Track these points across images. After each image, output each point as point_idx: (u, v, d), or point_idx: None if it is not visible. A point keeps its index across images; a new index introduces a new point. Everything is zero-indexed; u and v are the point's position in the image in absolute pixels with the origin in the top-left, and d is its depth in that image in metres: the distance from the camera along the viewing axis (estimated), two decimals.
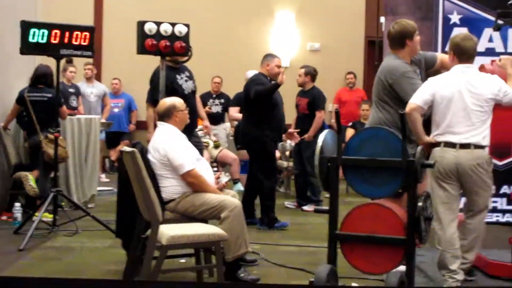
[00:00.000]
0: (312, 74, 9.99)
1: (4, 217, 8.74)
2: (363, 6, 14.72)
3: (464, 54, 5.85)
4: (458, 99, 5.72)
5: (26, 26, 7.66)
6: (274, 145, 8.89)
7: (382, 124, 6.22)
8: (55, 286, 2.49)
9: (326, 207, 6.00)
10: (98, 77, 13.60)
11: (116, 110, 13.58)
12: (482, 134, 5.73)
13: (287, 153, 11.33)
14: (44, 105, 8.67)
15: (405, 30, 6.26)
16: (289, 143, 11.32)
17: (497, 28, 6.65)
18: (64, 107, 9.00)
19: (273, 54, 9.33)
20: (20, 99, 8.83)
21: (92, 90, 12.25)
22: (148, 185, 5.42)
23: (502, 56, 6.15)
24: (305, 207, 9.89)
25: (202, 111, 8.78)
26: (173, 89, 7.47)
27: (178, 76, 7.72)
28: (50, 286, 2.48)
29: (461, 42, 5.87)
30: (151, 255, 5.28)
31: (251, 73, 10.71)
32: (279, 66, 8.97)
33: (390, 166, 5.30)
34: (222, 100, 12.38)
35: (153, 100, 7.60)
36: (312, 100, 9.86)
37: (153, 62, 7.86)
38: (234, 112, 10.76)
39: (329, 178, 5.52)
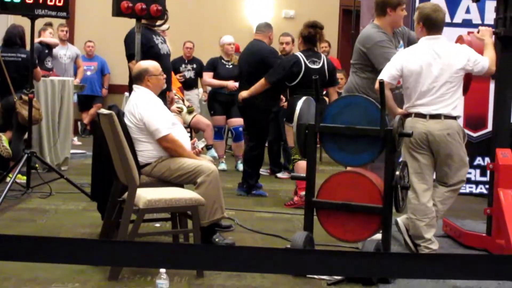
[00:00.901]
0: (294, 41, 9.90)
1: None
2: None
3: (434, 26, 5.83)
4: (426, 71, 5.73)
5: None
6: (268, 115, 8.82)
7: (354, 90, 6.28)
8: (34, 244, 2.46)
9: (301, 174, 6.05)
10: (71, 40, 13.46)
11: (88, 73, 13.49)
12: (452, 105, 5.73)
13: None
14: (18, 66, 8.57)
15: (384, 1, 6.31)
16: None
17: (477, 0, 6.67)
18: (38, 68, 8.91)
19: (270, 25, 9.33)
20: None
21: (65, 52, 12.14)
22: (126, 148, 5.39)
23: (480, 27, 6.17)
24: (279, 174, 9.92)
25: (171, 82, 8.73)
26: (150, 47, 7.42)
27: (154, 37, 7.68)
28: (29, 245, 2.45)
29: (432, 13, 5.84)
30: (128, 218, 5.26)
31: (227, 38, 10.66)
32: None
33: (368, 134, 5.33)
34: (195, 65, 12.31)
35: (128, 54, 7.55)
36: None
37: (127, 25, 7.80)
38: (208, 77, 10.73)
39: (307, 146, 5.55)
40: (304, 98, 5.80)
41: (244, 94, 8.37)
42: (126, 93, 10.53)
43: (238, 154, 10.39)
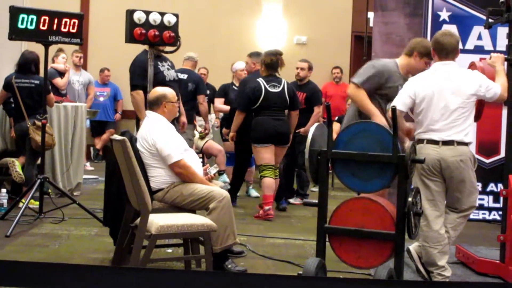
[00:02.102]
0: (311, 68, 10.02)
1: None
2: (350, 0, 14.73)
3: (442, 50, 5.86)
4: (438, 97, 5.74)
5: (15, 12, 7.60)
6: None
7: (357, 117, 6.30)
8: (46, 270, 2.47)
9: (314, 200, 6.04)
10: (84, 66, 13.54)
11: (101, 99, 13.55)
12: (464, 131, 5.74)
13: None
14: (31, 92, 8.62)
15: (418, 44, 6.33)
16: None
17: (488, 26, 6.68)
18: (52, 94, 8.96)
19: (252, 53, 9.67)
20: (7, 85, 8.77)
21: (78, 78, 12.20)
22: (138, 174, 5.41)
23: (492, 54, 6.18)
24: (291, 200, 9.91)
25: (181, 106, 8.73)
26: (154, 74, 7.48)
27: (159, 63, 7.74)
28: (41, 271, 2.46)
29: (439, 37, 5.90)
30: (140, 244, 5.27)
31: (238, 65, 10.68)
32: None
33: (380, 160, 5.32)
34: (208, 92, 12.36)
35: (132, 85, 7.64)
36: (310, 95, 9.81)
37: (140, 51, 7.87)
38: (219, 103, 10.75)
39: (319, 172, 5.54)
40: (316, 124, 5.80)
41: (231, 134, 9.00)
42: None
43: (249, 179, 10.39)
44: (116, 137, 5.55)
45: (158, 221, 5.26)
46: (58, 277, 2.43)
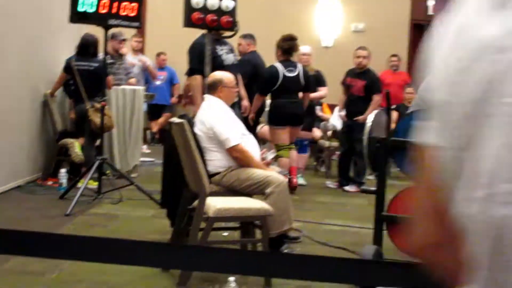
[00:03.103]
0: (370, 56, 10.00)
1: (49, 182, 8.87)
2: None
3: None
4: None
5: None
6: None
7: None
8: (106, 246, 2.50)
9: (372, 188, 6.03)
10: (141, 50, 13.64)
11: (158, 83, 13.64)
12: None
13: (329, 133, 11.34)
14: (90, 74, 8.73)
15: None
16: (331, 124, 11.32)
17: None
18: (110, 77, 9.06)
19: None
20: (67, 68, 8.91)
21: (137, 62, 12.29)
22: (196, 157, 5.44)
23: None
24: (347, 188, 9.88)
25: (242, 90, 8.77)
26: (213, 58, 7.49)
27: (218, 47, 7.75)
28: (101, 246, 2.49)
29: None
30: (197, 226, 5.31)
31: (302, 48, 10.59)
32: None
33: None
34: None
35: (189, 68, 7.66)
36: (370, 83, 9.79)
37: (197, 36, 7.89)
38: None
39: (377, 159, 5.53)
40: (376, 111, 5.79)
41: (251, 115, 9.02)
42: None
43: (300, 166, 10.38)
44: (175, 120, 5.60)
45: (215, 204, 5.29)
46: (117, 252, 2.47)
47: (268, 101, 9.34)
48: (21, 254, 2.40)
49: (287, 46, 8.91)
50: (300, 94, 9.08)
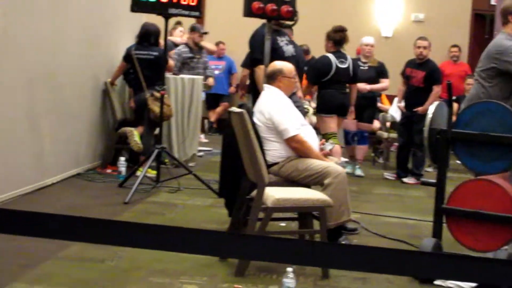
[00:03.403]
0: (430, 46, 9.89)
1: (108, 170, 8.97)
2: None
3: None
4: None
5: None
6: None
7: (479, 98, 6.09)
8: (165, 233, 2.51)
9: (431, 180, 5.96)
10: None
11: (216, 72, 13.66)
12: None
13: (388, 124, 11.25)
14: (150, 63, 8.79)
15: (506, 6, 6.15)
16: (390, 115, 11.24)
17: None
18: (171, 61, 9.14)
19: None
20: (127, 57, 8.98)
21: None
22: (256, 146, 5.43)
23: None
24: (405, 179, 9.80)
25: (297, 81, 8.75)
26: (274, 49, 7.46)
27: (278, 38, 7.68)
28: (160, 234, 2.50)
29: None
30: (256, 216, 5.31)
31: (365, 39, 10.49)
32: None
33: (502, 142, 5.20)
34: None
35: (253, 58, 7.61)
36: (429, 73, 9.69)
37: (256, 25, 7.87)
38: None
39: (438, 151, 5.47)
40: (437, 103, 5.71)
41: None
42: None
43: (359, 157, 10.33)
44: (235, 109, 5.59)
45: (274, 194, 5.29)
46: (176, 240, 2.47)
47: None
48: (81, 240, 2.42)
49: (339, 38, 8.89)
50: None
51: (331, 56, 8.81)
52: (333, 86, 8.82)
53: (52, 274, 4.95)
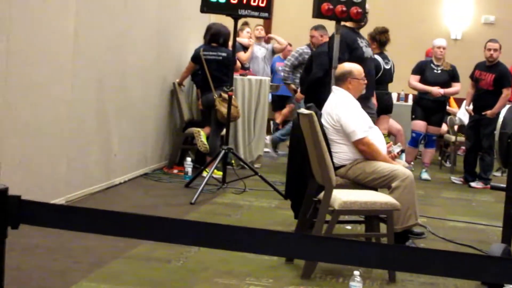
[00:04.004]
0: (500, 48, 9.75)
1: (175, 171, 9.05)
2: None
3: None
4: None
5: None
6: None
7: None
8: (234, 233, 2.51)
9: (502, 185, 5.85)
10: (267, 40, 13.68)
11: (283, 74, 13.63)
12: None
13: (455, 127, 11.11)
14: (218, 64, 8.82)
15: None
16: (458, 118, 11.09)
17: None
18: (238, 62, 9.21)
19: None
20: (196, 58, 9.01)
21: (262, 51, 12.34)
22: (324, 148, 5.40)
23: None
24: (473, 184, 9.66)
25: None
26: (354, 49, 7.38)
27: (358, 39, 7.61)
28: (229, 233, 2.50)
29: None
30: (323, 218, 5.28)
31: (437, 41, 10.31)
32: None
33: None
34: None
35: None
36: (499, 76, 9.54)
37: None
38: (414, 80, 10.34)
39: (509, 155, 5.36)
40: (508, 106, 5.61)
41: None
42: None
43: (426, 160, 10.21)
44: (304, 111, 5.57)
45: (341, 196, 5.25)
46: (245, 240, 2.47)
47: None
48: (149, 239, 2.44)
49: (384, 39, 9.12)
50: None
51: (378, 58, 8.95)
52: (378, 86, 8.80)
53: (120, 273, 5.00)
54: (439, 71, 10.07)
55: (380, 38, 9.11)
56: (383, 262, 2.50)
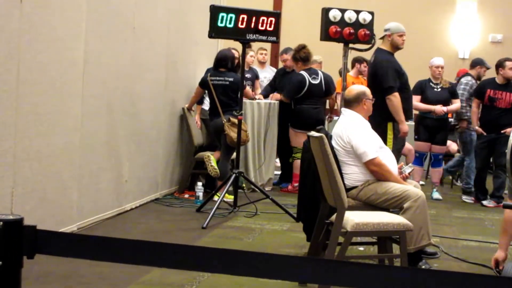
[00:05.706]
0: None
1: (186, 195, 9.05)
2: None
3: None
4: None
5: (215, 11, 7.79)
6: None
7: None
8: (244, 258, 2.51)
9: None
10: (275, 63, 13.72)
11: None
12: None
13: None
14: (226, 89, 8.84)
15: None
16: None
17: None
18: (248, 88, 9.26)
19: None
20: (203, 83, 9.04)
21: (265, 75, 12.33)
22: (335, 170, 5.40)
23: None
24: (485, 202, 9.63)
25: None
26: (401, 74, 7.35)
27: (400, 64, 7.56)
28: (239, 259, 2.50)
29: None
30: (335, 240, 5.27)
31: (435, 60, 10.32)
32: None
33: None
34: None
35: (387, 87, 7.29)
36: None
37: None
38: (415, 100, 10.37)
39: None
40: None
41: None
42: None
43: (434, 180, 10.19)
44: (314, 133, 5.57)
45: (353, 218, 5.25)
46: (255, 265, 2.46)
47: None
48: (161, 265, 2.43)
49: (304, 54, 9.55)
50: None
51: (304, 73, 9.61)
52: (305, 102, 9.54)
53: None
54: (439, 89, 10.06)
55: (300, 55, 9.56)
56: (398, 285, 2.50)
